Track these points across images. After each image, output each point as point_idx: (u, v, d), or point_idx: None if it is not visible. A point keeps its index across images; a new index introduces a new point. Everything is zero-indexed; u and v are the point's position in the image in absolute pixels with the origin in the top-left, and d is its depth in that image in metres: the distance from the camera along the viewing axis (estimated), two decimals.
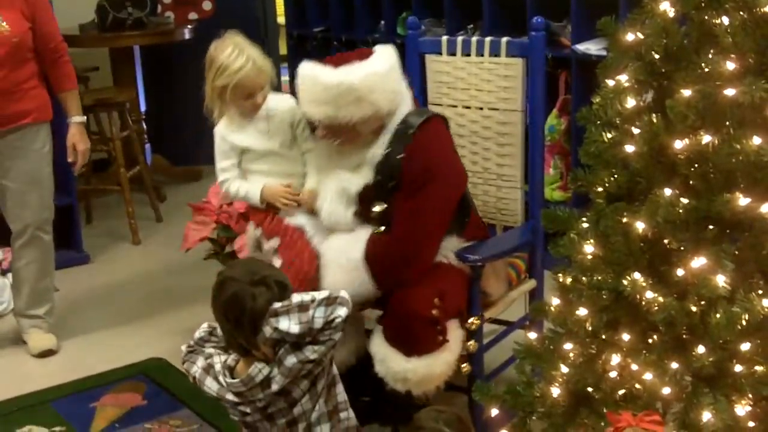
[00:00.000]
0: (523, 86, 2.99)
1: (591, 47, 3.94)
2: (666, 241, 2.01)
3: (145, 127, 5.98)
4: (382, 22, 5.16)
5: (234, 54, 2.65)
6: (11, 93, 3.44)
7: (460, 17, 4.60)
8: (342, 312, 2.16)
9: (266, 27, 6.45)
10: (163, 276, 4.46)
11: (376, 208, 2.67)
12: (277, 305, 2.15)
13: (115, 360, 3.60)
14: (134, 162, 5.31)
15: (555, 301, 2.16)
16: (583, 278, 2.09)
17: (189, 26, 5.61)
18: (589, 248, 2.09)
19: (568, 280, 2.14)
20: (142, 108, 6.02)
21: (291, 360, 2.17)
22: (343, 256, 2.66)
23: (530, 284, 3.09)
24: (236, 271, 2.25)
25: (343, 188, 2.69)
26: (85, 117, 3.61)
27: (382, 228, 2.69)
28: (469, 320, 2.71)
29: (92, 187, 5.37)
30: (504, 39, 3.01)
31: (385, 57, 2.62)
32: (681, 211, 1.93)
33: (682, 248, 1.96)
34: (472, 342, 2.75)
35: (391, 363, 2.64)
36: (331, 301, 2.17)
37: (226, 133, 2.80)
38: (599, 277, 2.06)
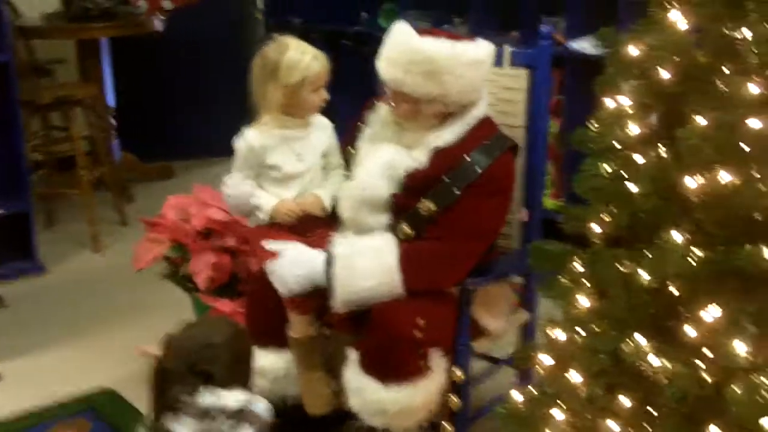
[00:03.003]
0: (526, 99, 2.73)
1: (587, 45, 3.67)
2: (674, 293, 1.70)
3: (114, 122, 5.68)
4: (364, 13, 4.91)
5: (300, 49, 2.55)
6: None
7: (447, 9, 4.33)
8: None
9: (246, 17, 6.16)
10: (121, 290, 4.13)
11: (428, 206, 2.44)
12: (186, 398, 2.01)
13: (63, 388, 3.28)
14: (99, 161, 5.00)
15: (545, 360, 1.86)
16: (576, 336, 1.78)
17: (161, 16, 5.32)
18: (583, 300, 1.78)
19: (560, 335, 1.83)
20: (111, 103, 5.73)
21: None
22: (379, 261, 2.42)
23: (522, 317, 2.80)
24: (175, 346, 2.12)
25: (390, 162, 2.48)
26: None
27: (407, 230, 2.47)
28: (456, 372, 2.48)
29: (51, 190, 5.05)
30: (508, 48, 2.76)
31: (476, 49, 2.46)
32: (694, 262, 1.62)
33: (693, 304, 1.65)
34: (458, 371, 2.51)
35: (367, 393, 2.43)
36: (240, 416, 2.00)
37: (258, 143, 2.58)
38: (595, 337, 1.74)
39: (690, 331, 1.66)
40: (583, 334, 1.80)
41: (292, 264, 2.47)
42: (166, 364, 2.11)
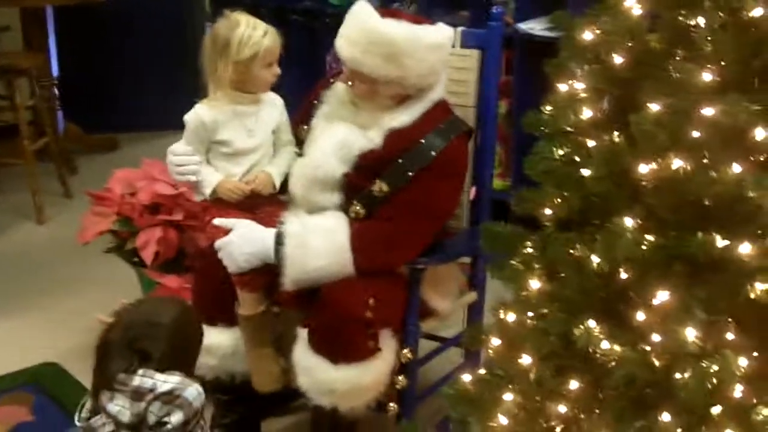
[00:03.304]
0: (477, 80, 2.72)
1: (535, 26, 3.67)
2: (625, 278, 1.71)
3: (57, 93, 5.57)
4: None
5: (251, 24, 2.52)
6: None
7: None
8: (175, 419, 1.98)
9: None
10: (66, 262, 4.07)
11: (381, 187, 2.43)
12: (121, 376, 1.98)
13: (7, 361, 3.24)
14: (43, 132, 4.90)
15: (495, 342, 1.86)
16: (527, 319, 1.79)
17: None
18: (534, 283, 1.79)
19: (510, 317, 1.84)
20: (55, 73, 5.61)
21: None
22: (331, 240, 2.41)
23: (470, 297, 2.80)
24: (121, 322, 2.10)
25: (344, 141, 2.46)
26: None
27: (359, 210, 2.46)
28: (404, 351, 2.48)
29: None
30: (459, 29, 2.73)
31: (437, 32, 2.44)
32: (645, 247, 1.63)
33: (643, 289, 1.66)
34: (406, 351, 2.51)
35: (316, 372, 2.41)
36: (169, 399, 1.97)
37: (209, 118, 2.54)
38: (545, 319, 1.75)
39: (640, 315, 1.67)
40: (533, 316, 1.80)
41: (241, 241, 2.44)
42: (109, 337, 2.09)
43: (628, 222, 1.68)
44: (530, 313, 1.83)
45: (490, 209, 2.78)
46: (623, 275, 1.72)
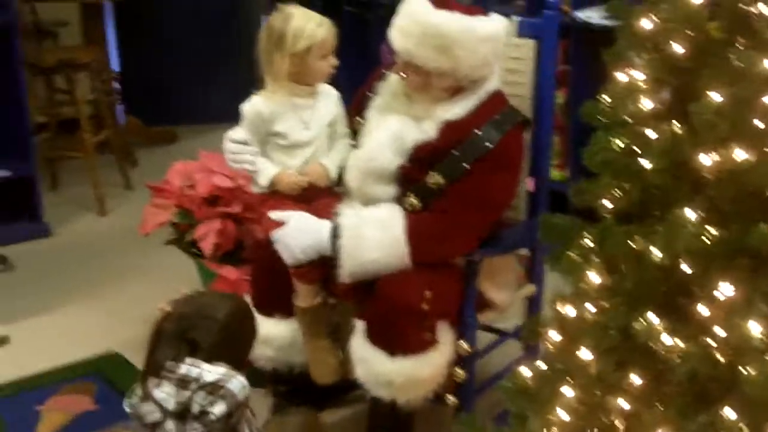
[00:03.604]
0: (533, 71, 2.69)
1: (593, 15, 3.62)
2: (687, 271, 1.68)
3: (118, 87, 5.65)
4: None
5: (305, 17, 2.53)
6: None
7: None
8: (218, 410, 1.99)
9: None
10: (127, 253, 4.14)
11: (437, 179, 2.42)
12: (169, 364, 2.02)
13: (70, 351, 3.31)
14: (103, 125, 4.97)
15: (553, 335, 1.84)
16: (587, 312, 1.76)
17: None
18: (593, 276, 1.77)
19: (568, 310, 1.82)
20: (116, 67, 5.69)
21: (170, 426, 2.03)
22: (386, 232, 2.41)
23: (529, 289, 2.79)
24: (175, 312, 2.14)
25: (398, 133, 2.46)
26: None
27: (414, 202, 2.45)
28: (462, 343, 2.48)
29: (56, 153, 5.03)
30: (514, 18, 2.71)
31: (491, 24, 2.42)
32: (707, 240, 1.60)
33: (705, 283, 1.63)
34: (464, 343, 2.50)
35: (372, 364, 2.41)
36: (213, 390, 1.99)
37: (266, 109, 2.56)
38: (605, 313, 1.73)
39: (702, 309, 1.64)
40: (594, 310, 1.78)
41: (297, 233, 2.45)
42: (163, 325, 2.12)
43: (689, 214, 1.65)
44: (589, 307, 1.80)
45: (547, 200, 2.76)
46: (684, 268, 1.69)
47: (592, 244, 1.86)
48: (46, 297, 3.77)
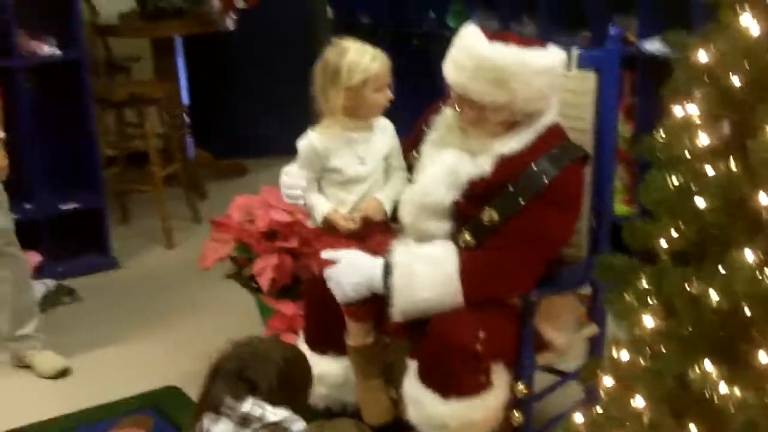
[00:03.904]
0: (594, 103, 2.62)
1: (660, 46, 3.53)
2: (747, 315, 1.59)
3: (188, 120, 5.72)
4: (432, 13, 4.82)
5: (359, 51, 2.53)
6: None
7: (515, 8, 4.22)
8: None
9: (316, 16, 6.13)
10: (192, 286, 4.14)
11: (491, 215, 2.36)
12: (229, 401, 2.02)
13: (130, 384, 3.32)
14: (173, 159, 5.03)
15: (608, 382, 1.77)
16: (641, 358, 1.69)
17: (234, 16, 5.33)
18: (648, 320, 1.69)
19: (623, 355, 1.74)
20: (186, 101, 5.76)
21: None
22: (439, 270, 2.35)
23: (590, 330, 2.70)
24: (234, 352, 2.16)
25: (453, 168, 2.41)
26: (2, 133, 3.22)
27: (468, 239, 2.39)
28: (518, 385, 2.40)
29: (125, 187, 5.10)
30: (575, 51, 2.65)
31: (547, 56, 2.37)
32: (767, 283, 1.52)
33: (765, 328, 1.55)
34: (521, 385, 2.42)
35: (425, 405, 2.36)
36: (276, 430, 1.99)
37: (321, 145, 2.55)
38: (660, 359, 1.65)
39: (763, 356, 1.56)
40: (648, 356, 1.70)
41: (349, 270, 2.42)
42: (221, 363, 2.13)
43: (749, 256, 1.57)
44: (645, 352, 1.72)
45: (611, 237, 2.67)
46: (744, 313, 1.60)
47: (648, 286, 1.78)
48: (110, 329, 3.80)
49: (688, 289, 1.66)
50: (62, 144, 4.43)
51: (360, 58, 2.49)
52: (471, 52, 2.34)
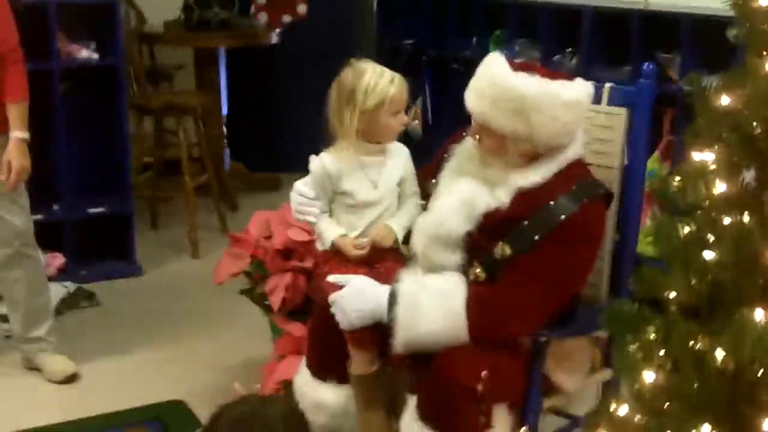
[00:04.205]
0: (623, 140, 2.53)
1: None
2: (752, 377, 1.49)
3: (225, 131, 5.71)
4: (474, 39, 4.78)
5: (377, 72, 2.46)
6: None
7: (557, 40, 4.13)
8: None
9: (362, 35, 6.10)
10: (212, 299, 4.08)
11: (504, 250, 2.27)
12: None
13: (137, 394, 3.29)
14: (206, 169, 5.01)
15: None
16: (637, 416, 1.59)
17: (278, 29, 5.32)
18: (649, 375, 1.59)
19: (622, 410, 1.65)
20: (224, 112, 5.76)
21: None
22: (445, 303, 2.26)
23: (603, 375, 2.59)
24: (229, 415, 2.06)
25: (469, 198, 2.32)
26: (28, 134, 3.18)
27: (479, 273, 2.30)
28: (523, 429, 2.30)
29: (156, 193, 5.09)
30: (607, 85, 2.56)
31: (573, 89, 2.28)
32: None
33: None
34: (524, 429, 2.31)
35: None
36: None
37: (333, 167, 2.48)
38: (659, 418, 1.55)
39: None
40: (646, 413, 1.60)
41: (354, 297, 2.34)
42: (216, 428, 2.05)
43: (759, 314, 1.47)
44: (644, 408, 1.63)
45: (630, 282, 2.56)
46: (751, 375, 1.50)
47: (655, 338, 1.69)
48: (123, 336, 3.78)
49: (694, 345, 1.56)
50: (95, 148, 4.44)
51: (377, 81, 2.42)
52: (492, 79, 2.27)
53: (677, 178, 1.62)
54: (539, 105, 2.22)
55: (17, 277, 3.33)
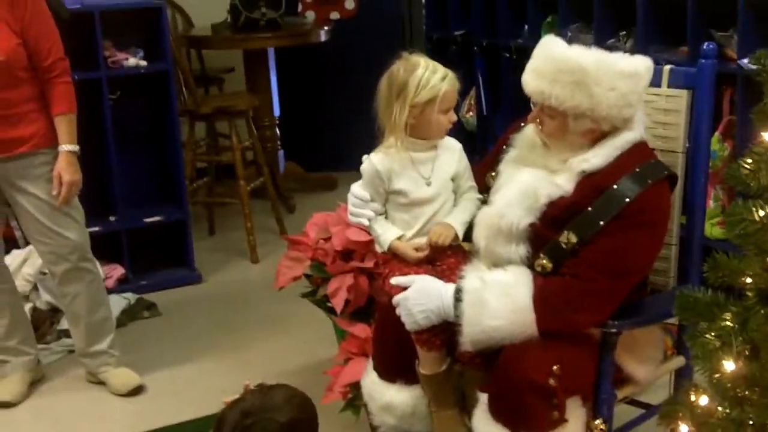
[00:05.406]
0: (686, 123, 2.47)
1: None
2: None
3: (278, 133, 5.71)
4: (526, 27, 4.73)
5: (429, 67, 2.41)
6: (4, 118, 3.08)
7: (611, 23, 4.05)
8: None
9: (411, 28, 6.06)
10: (273, 303, 4.07)
11: (569, 238, 2.23)
12: None
13: (201, 404, 3.26)
14: (261, 171, 5.01)
15: (684, 430, 1.62)
16: (719, 407, 1.54)
17: (327, 27, 5.31)
18: (729, 364, 1.54)
19: (702, 400, 1.60)
20: (277, 113, 5.75)
21: None
22: (510, 299, 2.23)
23: (676, 362, 2.53)
24: (241, 403, 2.09)
25: (530, 188, 2.28)
26: (77, 146, 3.17)
27: (545, 264, 2.25)
28: (596, 422, 2.25)
29: (211, 199, 5.11)
30: (667, 67, 2.51)
31: (631, 60, 2.26)
32: None
33: None
34: (599, 422, 2.27)
35: None
36: None
37: (383, 167, 2.44)
38: (742, 407, 1.50)
39: None
40: (728, 403, 1.55)
41: (419, 297, 2.31)
42: (227, 414, 2.08)
43: None
44: (725, 398, 1.58)
45: (701, 264, 2.50)
46: None
47: (733, 325, 1.63)
48: (186, 346, 3.78)
49: None
50: (147, 156, 4.47)
51: (430, 76, 2.38)
52: (551, 55, 2.24)
53: (748, 160, 1.55)
54: (598, 75, 2.18)
55: (77, 292, 3.33)
